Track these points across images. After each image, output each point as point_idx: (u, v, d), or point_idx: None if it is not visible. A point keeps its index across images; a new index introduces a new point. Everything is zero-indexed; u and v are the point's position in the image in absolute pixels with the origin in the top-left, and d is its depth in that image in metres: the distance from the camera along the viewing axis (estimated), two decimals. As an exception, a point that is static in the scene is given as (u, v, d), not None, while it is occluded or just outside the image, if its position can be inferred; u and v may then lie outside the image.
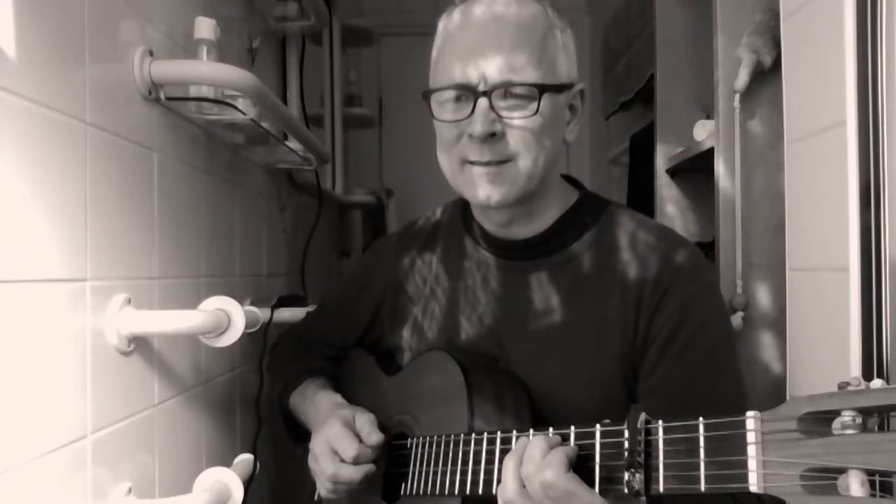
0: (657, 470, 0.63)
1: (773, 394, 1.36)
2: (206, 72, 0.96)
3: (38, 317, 0.68)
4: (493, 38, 0.81)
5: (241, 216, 1.33)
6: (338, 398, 0.99)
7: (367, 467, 0.88)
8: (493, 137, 0.82)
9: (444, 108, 0.85)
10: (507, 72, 0.80)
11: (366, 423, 0.90)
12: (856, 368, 0.77)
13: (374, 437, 0.89)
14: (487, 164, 0.83)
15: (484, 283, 0.95)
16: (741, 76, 1.39)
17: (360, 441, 0.89)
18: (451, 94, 0.84)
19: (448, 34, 0.86)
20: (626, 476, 0.63)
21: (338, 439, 0.89)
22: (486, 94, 0.81)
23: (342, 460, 0.88)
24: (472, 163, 0.84)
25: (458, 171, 0.86)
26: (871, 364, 0.76)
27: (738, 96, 1.41)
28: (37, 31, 0.68)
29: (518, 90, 0.81)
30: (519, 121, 0.81)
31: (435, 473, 0.84)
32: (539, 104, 0.81)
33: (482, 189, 0.84)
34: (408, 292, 1.03)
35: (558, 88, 0.84)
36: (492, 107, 0.81)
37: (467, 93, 0.82)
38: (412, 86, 0.97)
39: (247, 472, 1.09)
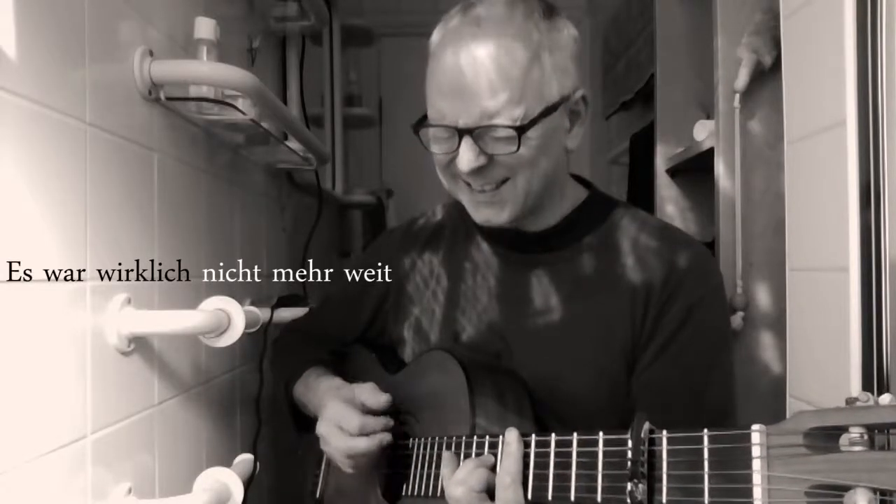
0: (661, 481, 0.62)
1: (773, 394, 1.36)
2: (206, 72, 0.96)
3: (39, 317, 0.68)
4: (470, 80, 0.80)
5: (241, 216, 1.33)
6: (337, 381, 0.99)
7: (381, 436, 0.88)
8: (482, 169, 0.83)
9: (433, 140, 0.86)
10: (485, 117, 0.80)
11: (367, 390, 0.91)
12: (856, 369, 0.77)
13: (382, 398, 0.90)
14: (482, 190, 0.85)
15: (489, 276, 0.96)
16: (741, 76, 1.39)
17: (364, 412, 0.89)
18: (437, 130, 0.85)
19: (433, 63, 0.85)
20: (630, 486, 0.62)
21: (340, 416, 0.89)
22: (469, 132, 0.81)
23: (350, 435, 0.88)
24: (467, 183, 0.86)
25: (455, 189, 0.88)
26: (871, 364, 0.76)
27: (738, 96, 1.40)
28: (37, 31, 0.68)
29: (499, 131, 0.81)
30: (504, 157, 0.82)
31: (437, 476, 0.83)
32: (519, 143, 0.80)
33: (480, 213, 0.87)
34: (411, 286, 1.03)
35: (546, 112, 0.82)
36: (476, 143, 0.81)
37: (451, 130, 0.82)
38: (412, 86, 0.97)
39: (247, 472, 1.09)
